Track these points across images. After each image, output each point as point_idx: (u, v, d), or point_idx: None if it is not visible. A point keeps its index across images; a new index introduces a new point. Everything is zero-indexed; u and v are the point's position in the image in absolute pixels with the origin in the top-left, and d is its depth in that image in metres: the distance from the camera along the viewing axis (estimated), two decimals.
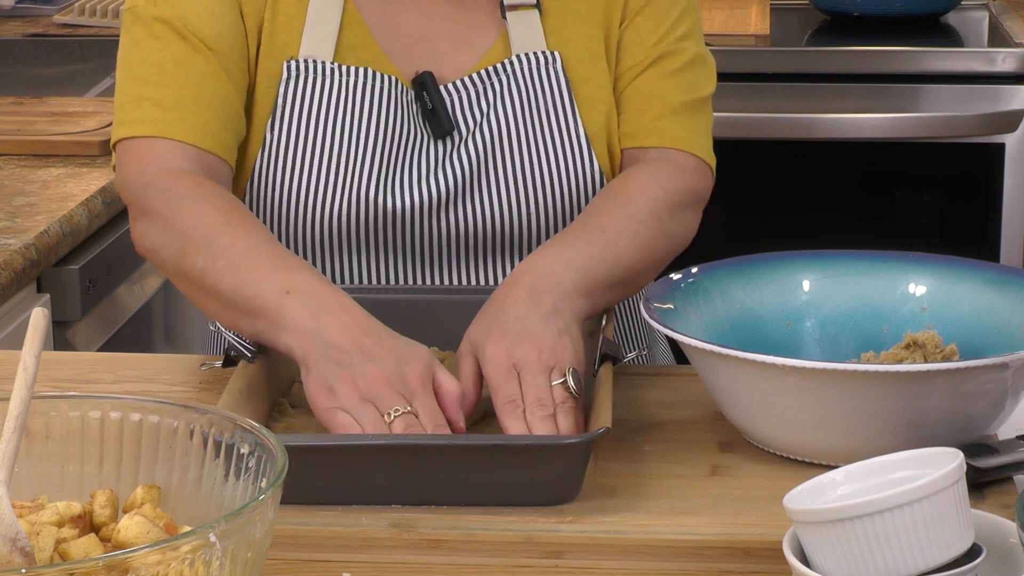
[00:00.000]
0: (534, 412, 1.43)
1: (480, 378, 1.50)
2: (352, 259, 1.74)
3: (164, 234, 1.66)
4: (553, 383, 1.45)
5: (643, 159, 1.75)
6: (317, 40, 1.74)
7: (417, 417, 1.44)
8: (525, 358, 1.47)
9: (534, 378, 1.45)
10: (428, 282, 1.76)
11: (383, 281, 1.75)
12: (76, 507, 1.17)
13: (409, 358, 1.48)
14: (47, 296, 2.32)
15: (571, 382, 1.45)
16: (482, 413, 1.54)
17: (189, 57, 1.71)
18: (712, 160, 1.79)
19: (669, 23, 1.78)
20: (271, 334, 1.54)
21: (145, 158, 1.69)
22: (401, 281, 1.75)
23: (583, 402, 1.49)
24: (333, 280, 1.74)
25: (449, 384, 1.47)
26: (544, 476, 1.41)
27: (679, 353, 1.65)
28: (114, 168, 1.76)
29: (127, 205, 1.72)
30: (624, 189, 1.70)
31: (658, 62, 1.77)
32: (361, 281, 1.75)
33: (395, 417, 1.43)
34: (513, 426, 1.44)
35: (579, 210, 1.73)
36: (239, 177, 1.76)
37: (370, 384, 1.45)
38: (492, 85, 1.75)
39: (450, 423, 1.46)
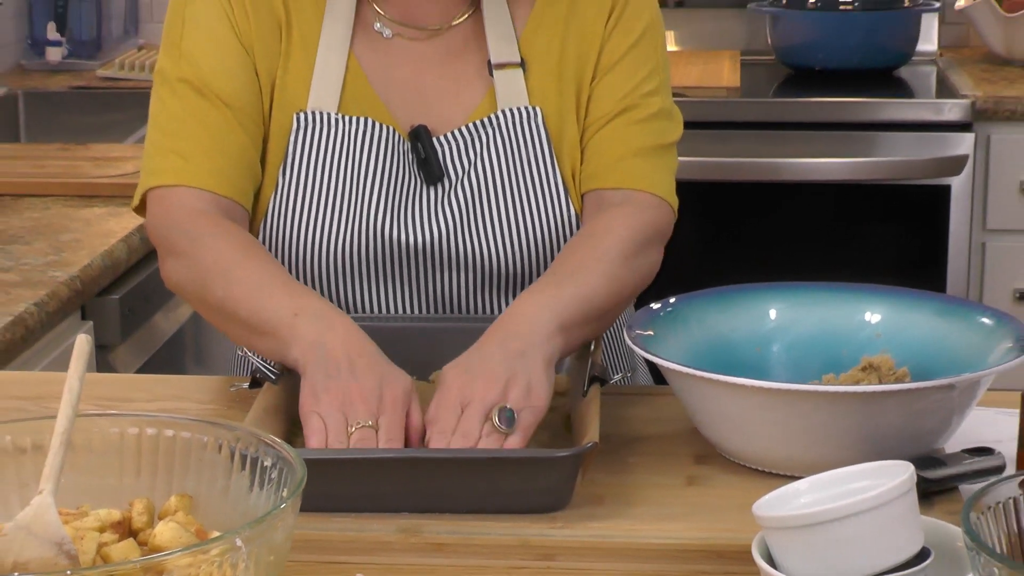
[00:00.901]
0: (456, 443, 1.44)
1: None
2: (357, 289, 1.74)
3: (188, 270, 1.67)
4: (489, 419, 1.45)
5: (607, 201, 1.73)
6: (323, 93, 1.74)
7: (377, 432, 1.45)
8: (472, 395, 1.46)
9: (471, 413, 1.45)
10: (426, 309, 1.76)
11: (385, 309, 1.75)
12: (116, 514, 1.18)
13: (391, 382, 1.49)
14: (90, 323, 2.32)
15: (495, 421, 1.44)
16: None
17: (208, 112, 1.72)
18: (673, 199, 1.76)
19: (638, 80, 1.77)
20: (282, 350, 1.55)
21: (169, 203, 1.70)
22: (402, 309, 1.75)
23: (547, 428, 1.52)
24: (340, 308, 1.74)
25: (415, 417, 1.49)
26: (538, 486, 1.41)
27: (658, 375, 1.65)
28: (134, 209, 1.77)
29: (156, 246, 1.74)
30: (592, 232, 1.69)
31: (624, 113, 1.76)
32: (365, 309, 1.75)
33: (356, 429, 1.45)
34: (435, 444, 1.45)
35: (558, 249, 1.73)
36: (254, 217, 1.76)
37: (349, 397, 1.47)
38: (479, 137, 1.75)
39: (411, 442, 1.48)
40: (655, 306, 1.61)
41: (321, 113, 1.74)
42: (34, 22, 3.87)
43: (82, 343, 1.21)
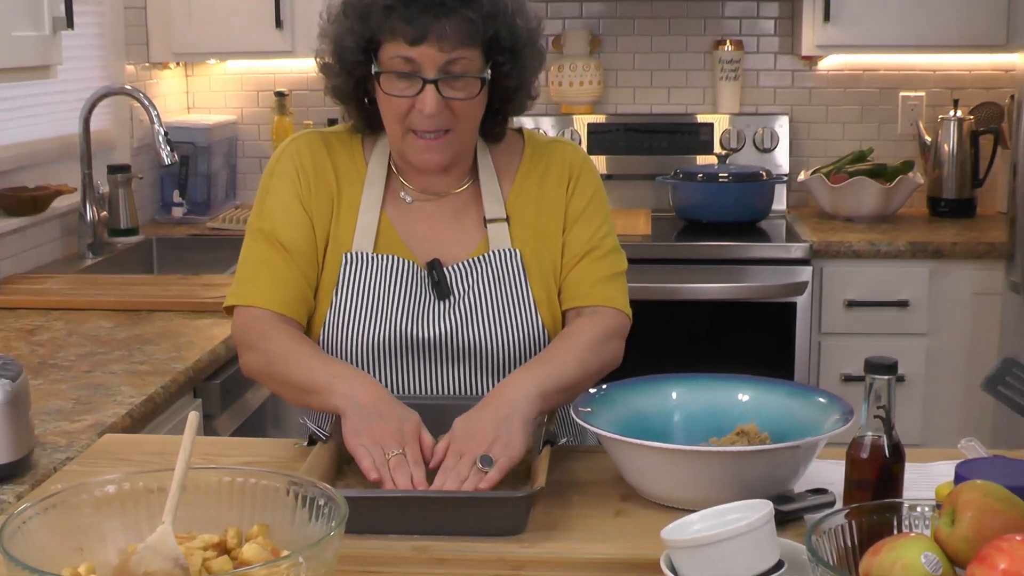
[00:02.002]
0: (451, 479, 1.46)
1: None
2: (387, 374, 1.73)
3: (258, 357, 1.69)
4: (476, 465, 1.48)
5: (584, 312, 1.75)
6: (363, 240, 1.75)
7: (405, 456, 1.48)
8: (467, 451, 1.49)
9: (464, 461, 1.48)
10: (434, 386, 1.75)
11: (407, 390, 1.74)
12: (215, 538, 1.17)
13: (406, 420, 1.53)
14: (199, 400, 2.31)
15: (478, 464, 1.47)
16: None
17: (274, 255, 1.73)
18: (628, 310, 1.79)
19: (595, 227, 1.79)
20: (326, 401, 1.58)
21: (244, 317, 1.72)
22: (418, 391, 1.75)
23: (523, 466, 1.52)
24: None
25: (427, 439, 1.53)
26: (505, 515, 1.41)
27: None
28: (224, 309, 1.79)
29: (236, 345, 1.75)
30: (570, 331, 1.71)
31: (590, 252, 1.77)
32: (393, 391, 1.74)
33: (392, 456, 1.48)
34: (439, 480, 1.48)
35: (529, 346, 1.73)
36: (315, 324, 1.76)
37: (381, 434, 1.50)
38: (476, 268, 1.75)
39: (425, 460, 1.50)
40: (592, 391, 1.61)
41: (362, 253, 1.74)
42: (164, 189, 3.89)
43: (193, 417, 1.20)
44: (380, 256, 1.74)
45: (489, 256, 1.76)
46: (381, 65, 1.66)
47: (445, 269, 1.75)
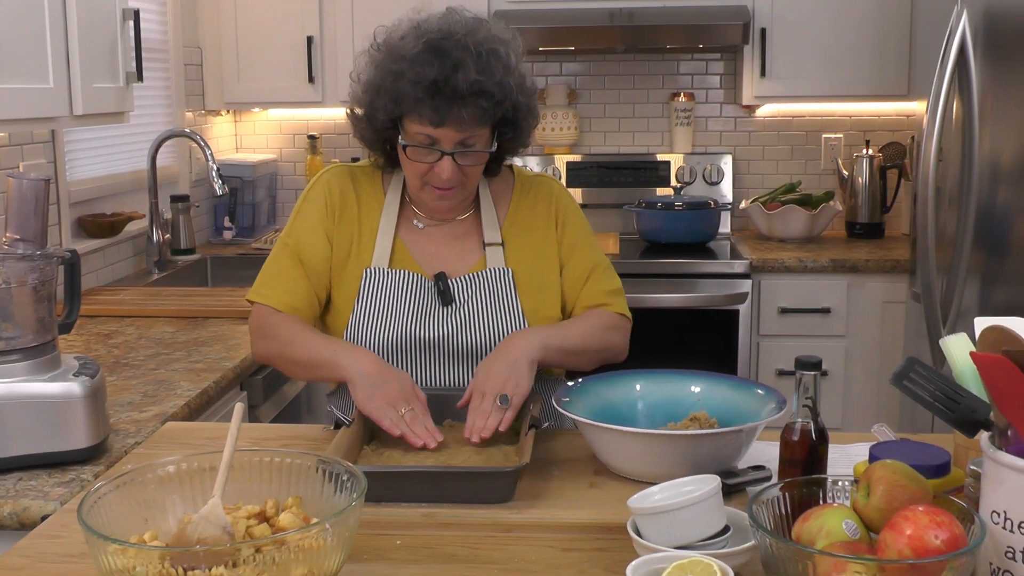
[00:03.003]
0: (479, 417, 1.51)
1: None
2: (400, 368, 1.72)
3: (271, 342, 1.69)
4: (496, 403, 1.53)
5: (594, 308, 1.78)
6: (380, 256, 1.75)
7: (415, 411, 1.52)
8: (487, 389, 1.54)
9: (487, 399, 1.53)
10: (438, 378, 1.74)
11: (416, 378, 1.73)
12: (256, 508, 1.17)
13: (403, 381, 1.56)
14: (245, 393, 2.30)
15: (498, 402, 1.52)
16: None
17: (292, 267, 1.74)
18: (628, 313, 1.81)
19: (589, 251, 1.81)
20: (334, 373, 1.60)
21: (261, 312, 1.73)
22: (425, 377, 1.74)
23: (516, 411, 1.55)
24: None
25: (420, 394, 1.56)
26: (497, 486, 1.40)
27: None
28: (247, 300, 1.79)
29: (251, 333, 1.74)
30: (582, 316, 1.76)
31: (593, 271, 1.80)
32: None
33: (405, 413, 1.51)
34: (470, 419, 1.53)
35: None
36: (339, 328, 1.74)
37: (389, 396, 1.53)
38: (475, 281, 1.75)
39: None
40: (570, 384, 1.61)
41: (379, 268, 1.74)
42: (217, 216, 3.88)
43: (239, 407, 1.20)
44: (394, 271, 1.74)
45: (486, 272, 1.75)
46: (407, 136, 1.66)
47: (449, 281, 1.74)
